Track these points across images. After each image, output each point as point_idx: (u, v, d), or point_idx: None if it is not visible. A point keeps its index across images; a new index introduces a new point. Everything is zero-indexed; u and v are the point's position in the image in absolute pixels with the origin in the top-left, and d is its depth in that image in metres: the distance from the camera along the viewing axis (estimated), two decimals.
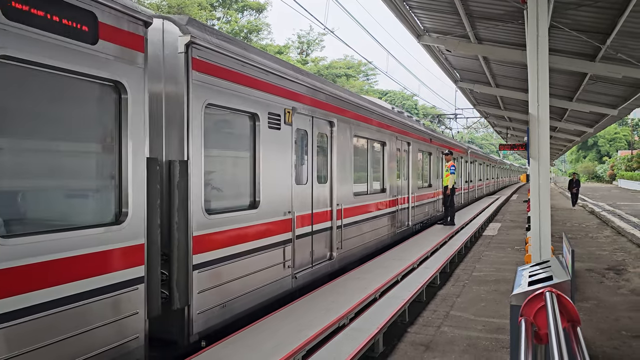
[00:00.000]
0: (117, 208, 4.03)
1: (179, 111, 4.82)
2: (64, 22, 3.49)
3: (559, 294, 2.96)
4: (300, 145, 7.24)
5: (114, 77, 3.92)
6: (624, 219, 19.07)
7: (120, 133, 4.02)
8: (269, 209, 6.25)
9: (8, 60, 3.15)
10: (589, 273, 9.56)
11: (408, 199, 13.40)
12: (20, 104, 3.40)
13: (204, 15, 42.53)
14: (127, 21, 4.03)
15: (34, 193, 3.64)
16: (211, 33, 5.38)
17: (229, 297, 5.40)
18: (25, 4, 3.17)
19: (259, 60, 6.03)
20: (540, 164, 7.22)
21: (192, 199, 4.82)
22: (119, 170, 4.02)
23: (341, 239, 8.47)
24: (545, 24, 7.21)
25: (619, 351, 5.53)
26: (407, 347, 5.46)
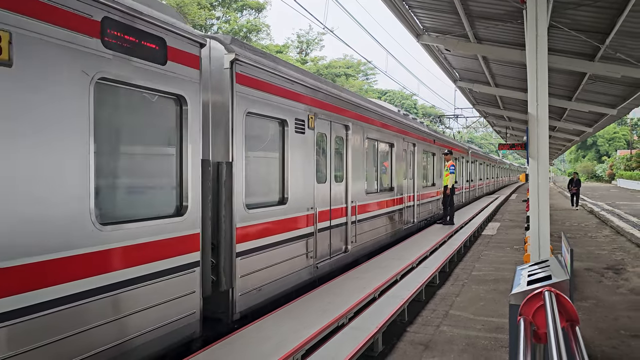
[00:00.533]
0: (179, 202, 4.79)
1: (224, 119, 5.58)
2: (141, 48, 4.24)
3: (558, 294, 2.97)
4: (320, 148, 8.00)
5: (177, 91, 4.67)
6: (623, 218, 19.08)
7: (181, 138, 4.79)
8: (295, 205, 7.02)
9: (105, 81, 3.91)
10: (587, 272, 9.57)
11: (414, 197, 14.11)
12: (113, 115, 4.16)
13: (203, 15, 42.49)
14: (187, 44, 4.80)
15: (121, 189, 4.34)
16: (249, 50, 6.19)
17: (263, 282, 6.16)
18: (114, 36, 3.94)
19: (286, 72, 6.80)
20: (539, 164, 7.23)
21: (235, 195, 5.56)
22: (180, 170, 4.79)
23: (355, 234, 9.22)
24: (545, 24, 7.21)
25: (617, 350, 5.54)
26: (406, 346, 5.47)
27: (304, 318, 5.72)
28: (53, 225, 3.48)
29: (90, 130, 3.75)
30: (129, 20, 4.09)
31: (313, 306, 6.26)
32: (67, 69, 3.60)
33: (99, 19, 3.82)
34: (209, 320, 5.35)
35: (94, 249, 3.77)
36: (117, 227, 4.00)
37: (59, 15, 3.54)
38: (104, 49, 3.87)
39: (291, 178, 6.86)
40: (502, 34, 11.00)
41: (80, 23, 3.69)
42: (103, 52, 3.86)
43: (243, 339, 5.03)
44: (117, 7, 3.95)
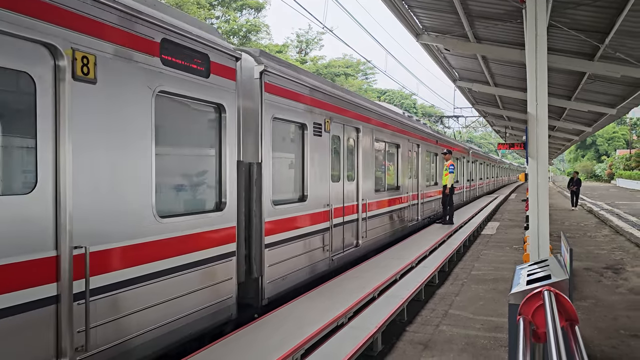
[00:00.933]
0: (219, 199, 5.40)
1: (254, 124, 6.16)
2: (189, 64, 4.84)
3: (557, 293, 2.97)
4: (335, 149, 8.58)
5: (218, 100, 5.28)
6: (623, 218, 19.09)
7: (220, 142, 5.40)
8: (314, 202, 7.63)
9: (163, 94, 4.53)
10: (587, 272, 9.57)
11: (418, 195, 14.64)
12: (168, 123, 4.75)
13: (202, 14, 42.48)
14: (226, 58, 5.39)
15: (174, 187, 4.98)
16: (275, 61, 6.81)
17: (287, 271, 6.77)
18: (170, 54, 4.58)
19: (306, 80, 7.44)
20: (538, 163, 7.23)
21: (264, 192, 6.14)
22: (220, 170, 5.40)
23: (365, 229, 9.81)
24: (544, 23, 7.21)
25: (617, 350, 5.54)
26: (405, 345, 5.47)
27: (304, 317, 5.72)
28: (127, 217, 4.12)
29: (153, 135, 4.38)
30: (181, 40, 4.73)
31: (315, 304, 6.27)
32: (135, 84, 4.22)
33: (158, 41, 4.47)
34: (241, 305, 5.82)
35: (155, 238, 4.40)
36: (172, 220, 4.64)
37: (129, 39, 4.16)
38: (162, 66, 4.52)
39: (310, 177, 7.49)
40: (502, 33, 11.00)
41: (145, 45, 4.32)
42: (161, 68, 4.50)
43: (242, 339, 5.03)
44: (172, 30, 4.60)
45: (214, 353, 4.67)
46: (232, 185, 5.49)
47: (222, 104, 5.32)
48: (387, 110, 12.06)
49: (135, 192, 4.20)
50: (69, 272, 3.57)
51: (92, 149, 3.79)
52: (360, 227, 9.52)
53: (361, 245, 9.56)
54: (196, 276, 4.90)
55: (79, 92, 3.68)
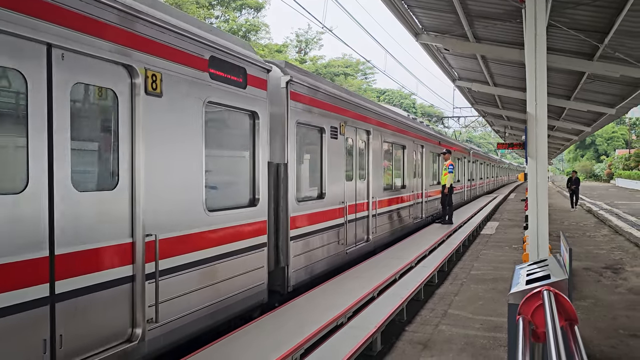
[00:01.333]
0: (253, 195, 6.08)
1: (281, 128, 6.80)
2: (232, 77, 5.51)
3: (556, 293, 2.96)
4: (348, 150, 9.22)
5: (253, 108, 5.92)
6: (622, 217, 19.09)
7: (254, 145, 6.07)
8: (331, 199, 8.30)
9: (211, 104, 5.18)
10: (586, 272, 9.58)
11: (422, 194, 15.20)
12: (213, 128, 5.39)
13: (202, 14, 42.46)
14: (259, 71, 6.04)
15: (218, 184, 5.54)
16: (298, 71, 7.45)
17: (308, 262, 7.45)
18: (216, 69, 5.24)
19: (324, 88, 8.10)
20: (538, 163, 7.23)
21: (289, 190, 6.79)
22: (254, 170, 6.07)
23: (375, 225, 10.49)
24: (543, 23, 7.21)
25: (616, 350, 5.54)
26: (405, 345, 5.47)
27: (304, 316, 5.72)
28: (184, 210, 4.79)
29: (203, 140, 5.03)
30: (224, 57, 5.39)
31: (315, 304, 6.28)
32: (190, 96, 4.87)
33: (207, 58, 5.13)
34: (271, 292, 6.47)
35: (205, 229, 5.06)
36: (217, 214, 5.27)
37: (185, 57, 4.82)
38: (210, 80, 5.17)
39: (328, 176, 8.18)
40: (501, 33, 11.00)
41: (197, 62, 4.99)
42: (209, 82, 5.16)
43: (242, 338, 5.03)
44: (218, 48, 5.25)
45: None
46: (263, 184, 6.20)
47: (256, 111, 6.00)
48: (393, 113, 12.70)
49: (190, 189, 4.89)
50: (142, 256, 4.24)
51: (158, 153, 4.45)
52: (371, 223, 10.17)
53: (371, 240, 10.19)
54: (236, 263, 5.58)
55: (149, 105, 4.34)
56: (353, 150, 9.45)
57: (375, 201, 10.45)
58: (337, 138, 8.52)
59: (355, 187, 9.52)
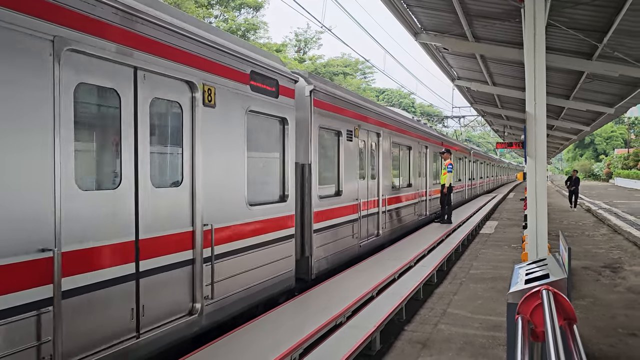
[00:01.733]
0: (283, 192, 6.84)
1: (305, 132, 7.51)
2: (266, 87, 6.24)
3: (555, 292, 2.97)
4: (361, 152, 9.95)
5: (283, 115, 6.70)
6: (621, 217, 19.11)
7: (284, 147, 6.83)
8: (347, 196, 9.05)
9: (251, 112, 5.92)
10: (585, 271, 9.59)
11: (426, 192, 15.89)
12: (253, 134, 6.05)
13: (201, 13, 42.42)
14: (288, 81, 6.83)
15: (256, 182, 6.20)
16: (320, 80, 8.28)
17: (328, 253, 8.17)
18: (255, 81, 5.97)
19: (341, 94, 8.93)
20: (537, 162, 7.24)
21: (312, 187, 7.53)
22: (284, 170, 6.84)
23: (385, 221, 11.28)
24: (542, 23, 7.21)
25: (615, 349, 5.55)
26: (404, 344, 5.47)
27: (303, 316, 5.72)
28: (232, 204, 5.58)
29: (245, 144, 5.78)
30: (262, 71, 6.13)
31: (314, 303, 6.30)
32: (236, 106, 5.64)
33: (248, 72, 5.86)
34: (297, 279, 7.14)
35: (247, 221, 5.83)
36: (256, 208, 6.01)
37: (233, 73, 5.58)
38: (251, 92, 5.90)
39: (344, 175, 8.95)
40: (500, 32, 11.01)
41: (241, 76, 5.74)
42: (250, 93, 5.89)
43: (241, 337, 5.03)
44: (257, 63, 5.98)
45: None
46: (292, 182, 6.94)
47: (285, 117, 6.77)
48: (400, 116, 13.61)
49: (236, 186, 5.65)
50: (201, 242, 4.95)
51: (212, 155, 5.18)
52: (381, 219, 10.97)
53: (381, 234, 10.99)
54: (271, 252, 6.32)
55: (206, 115, 5.08)
56: (365, 152, 10.20)
57: (384, 199, 11.22)
58: (352, 140, 9.32)
59: (367, 185, 10.25)
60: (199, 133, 4.98)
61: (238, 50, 5.67)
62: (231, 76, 5.55)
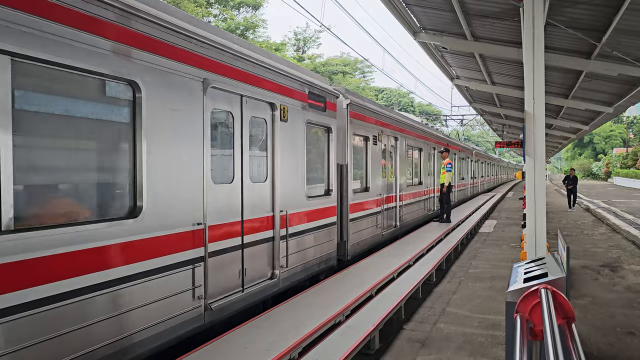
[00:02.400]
0: (328, 187, 8.47)
1: (343, 138, 9.11)
2: (317, 104, 7.79)
3: (554, 291, 2.97)
4: (383, 154, 11.64)
5: (329, 125, 8.31)
6: (619, 216, 19.13)
7: (329, 151, 8.44)
8: (373, 192, 10.67)
9: (308, 124, 7.47)
10: (584, 270, 9.60)
11: (433, 190, 17.13)
12: (310, 141, 7.63)
13: (200, 13, 42.36)
14: (332, 97, 8.44)
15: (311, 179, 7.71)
16: (354, 95, 9.86)
17: (359, 239, 9.81)
18: (311, 99, 7.52)
19: (369, 106, 10.58)
20: (536, 162, 7.24)
21: (348, 184, 9.14)
22: (328, 169, 8.48)
23: (401, 214, 12.93)
24: (541, 22, 7.21)
25: (613, 347, 5.56)
26: (403, 343, 5.48)
27: (302, 315, 5.73)
28: (297, 196, 7.15)
29: (305, 148, 7.33)
30: (315, 90, 7.71)
31: (313, 302, 6.30)
32: (299, 120, 7.18)
33: (306, 92, 7.42)
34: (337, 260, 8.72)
35: (306, 210, 7.39)
36: (311, 200, 7.58)
37: (298, 94, 7.13)
38: (308, 107, 7.44)
39: (370, 174, 10.53)
40: (499, 31, 11.00)
41: (303, 96, 7.30)
42: (308, 109, 7.43)
43: (239, 337, 5.03)
44: (312, 84, 7.58)
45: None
46: (334, 179, 8.53)
47: (330, 126, 8.37)
48: (413, 122, 15.55)
49: (300, 182, 7.21)
50: (278, 224, 6.51)
51: (285, 158, 6.69)
52: (398, 212, 12.60)
53: (399, 226, 12.61)
54: (321, 234, 7.91)
55: (282, 128, 6.61)
56: (386, 154, 11.82)
57: (401, 194, 12.89)
58: (377, 144, 10.96)
59: (387, 182, 11.88)
60: (277, 141, 6.52)
61: (301, 76, 7.20)
62: (296, 97, 7.09)
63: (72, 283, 3.61)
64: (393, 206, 12.25)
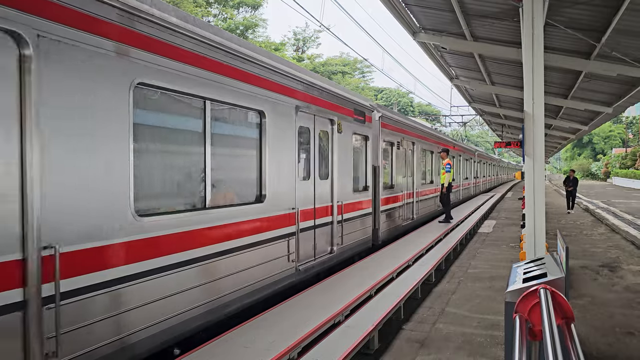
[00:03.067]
0: (365, 184, 10.32)
1: (376, 144, 11.03)
2: (360, 118, 9.66)
3: (553, 291, 2.97)
4: (404, 156, 13.69)
5: (367, 134, 10.22)
6: (618, 216, 19.14)
7: (366, 155, 10.34)
8: (397, 189, 12.82)
9: (354, 134, 9.41)
10: (583, 270, 9.61)
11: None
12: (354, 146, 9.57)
13: (199, 13, 42.34)
14: (369, 111, 10.35)
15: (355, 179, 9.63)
16: (384, 108, 11.85)
17: (386, 228, 11.71)
18: (355, 114, 9.42)
19: (393, 117, 12.70)
20: (535, 162, 7.24)
21: (380, 182, 11.10)
22: (366, 169, 10.37)
23: (418, 208, 14.93)
24: (541, 22, 7.21)
25: (612, 348, 5.56)
26: (402, 343, 5.48)
27: (301, 315, 5.72)
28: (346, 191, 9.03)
29: (352, 153, 9.24)
30: (358, 107, 9.56)
31: (313, 302, 6.29)
32: (349, 131, 9.05)
33: (352, 109, 9.25)
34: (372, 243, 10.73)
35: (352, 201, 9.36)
36: (355, 193, 9.56)
37: (347, 111, 9.03)
38: (353, 121, 9.28)
39: (395, 174, 12.64)
40: (499, 31, 11.01)
41: (350, 112, 9.14)
42: (353, 122, 9.25)
43: (239, 336, 5.03)
44: (356, 102, 9.45)
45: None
46: (370, 178, 10.45)
47: (367, 135, 10.27)
48: (425, 127, 18.55)
49: (349, 179, 9.10)
50: (336, 211, 8.50)
51: (340, 161, 8.58)
52: (414, 207, 14.52)
53: (415, 219, 14.48)
54: (362, 221, 9.91)
55: (337, 137, 8.49)
56: (406, 156, 13.81)
57: (418, 191, 14.95)
58: (400, 148, 13.05)
59: (406, 181, 13.78)
60: (335, 149, 8.40)
61: (350, 97, 9.18)
62: (347, 113, 8.96)
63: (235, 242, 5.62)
64: (410, 202, 14.21)
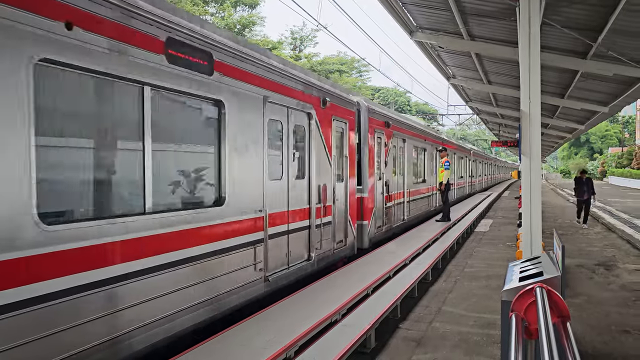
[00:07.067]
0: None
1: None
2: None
3: (549, 290, 2.98)
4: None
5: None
6: (615, 215, 19.21)
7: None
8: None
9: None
10: (579, 269, 9.64)
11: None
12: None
13: (197, 11, 42.24)
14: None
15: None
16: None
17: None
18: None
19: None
20: (531, 161, 7.26)
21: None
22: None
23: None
24: (537, 21, 7.23)
25: (608, 346, 5.58)
26: (398, 342, 5.48)
27: (298, 314, 5.72)
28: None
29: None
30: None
31: (310, 301, 6.29)
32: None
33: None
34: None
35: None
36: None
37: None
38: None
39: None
40: (495, 31, 11.02)
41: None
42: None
43: (236, 335, 5.03)
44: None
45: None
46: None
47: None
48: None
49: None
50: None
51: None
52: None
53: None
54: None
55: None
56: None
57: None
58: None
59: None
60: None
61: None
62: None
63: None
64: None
